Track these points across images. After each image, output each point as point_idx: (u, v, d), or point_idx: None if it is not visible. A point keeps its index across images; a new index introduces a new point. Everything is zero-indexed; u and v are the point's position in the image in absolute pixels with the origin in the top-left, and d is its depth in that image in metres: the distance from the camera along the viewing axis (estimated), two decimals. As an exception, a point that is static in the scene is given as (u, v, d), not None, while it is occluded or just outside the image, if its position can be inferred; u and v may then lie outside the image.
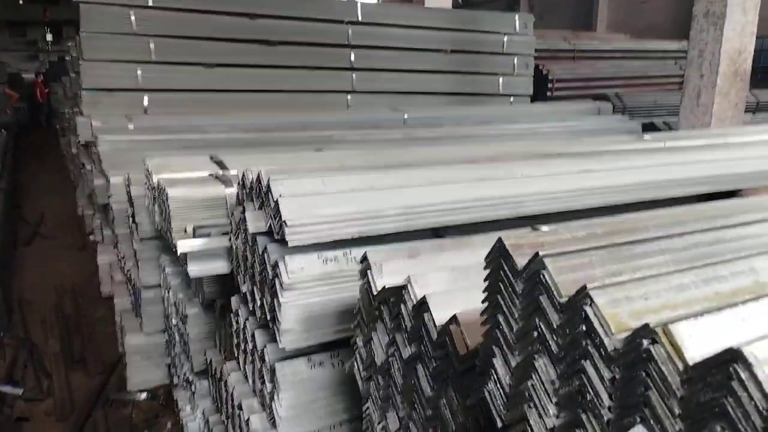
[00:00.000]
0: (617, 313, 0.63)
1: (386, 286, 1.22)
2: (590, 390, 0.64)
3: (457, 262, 1.35)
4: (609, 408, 0.62)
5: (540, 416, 0.71)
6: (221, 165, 3.01)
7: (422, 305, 1.14)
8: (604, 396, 0.63)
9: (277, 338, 1.62)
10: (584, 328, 0.65)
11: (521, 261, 0.74)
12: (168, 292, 2.92)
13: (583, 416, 0.65)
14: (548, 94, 6.98)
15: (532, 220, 1.90)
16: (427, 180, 1.79)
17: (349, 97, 5.68)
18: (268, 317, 1.66)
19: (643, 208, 2.20)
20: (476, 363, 0.89)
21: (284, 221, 1.51)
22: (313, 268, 1.58)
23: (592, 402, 0.64)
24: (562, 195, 1.91)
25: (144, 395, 3.52)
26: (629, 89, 7.03)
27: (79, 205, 6.22)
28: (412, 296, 1.19)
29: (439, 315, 1.11)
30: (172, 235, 2.30)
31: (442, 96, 6.11)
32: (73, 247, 6.02)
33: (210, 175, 2.82)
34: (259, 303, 1.73)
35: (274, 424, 1.71)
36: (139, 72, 4.57)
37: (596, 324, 0.63)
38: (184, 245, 2.06)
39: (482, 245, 1.50)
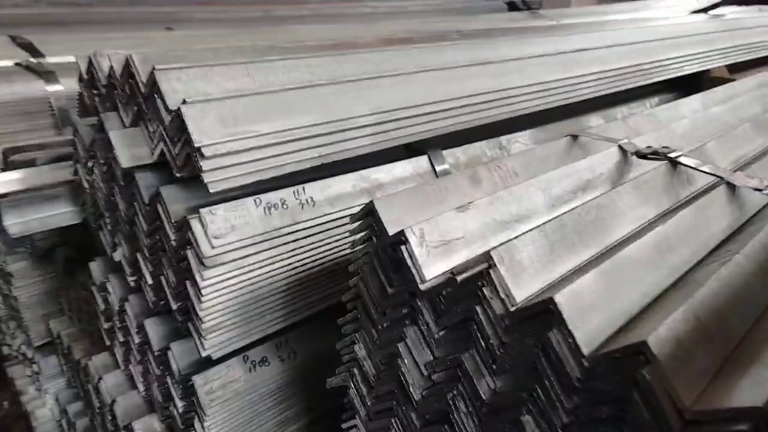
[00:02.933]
0: None
1: (460, 277, 0.64)
2: None
3: (531, 205, 0.80)
4: None
5: None
6: (31, 50, 2.05)
7: (560, 321, 0.59)
8: None
9: (196, 342, 0.98)
10: None
11: None
12: (-26, 241, 2.01)
13: None
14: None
15: (529, 120, 1.40)
16: (401, 67, 1.16)
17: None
18: (174, 306, 1.00)
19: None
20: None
21: (198, 149, 0.82)
22: (249, 224, 0.93)
23: None
24: (575, 83, 1.40)
25: (-39, 371, 2.63)
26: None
27: None
28: (503, 291, 0.63)
29: (586, 332, 0.57)
30: (-35, 165, 1.43)
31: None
32: None
33: (17, 64, 1.88)
34: (150, 281, 1.04)
35: (196, 458, 1.11)
36: None
37: None
38: (-10, 185, 1.24)
39: (544, 160, 0.96)
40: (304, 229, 0.99)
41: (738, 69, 2.18)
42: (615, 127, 1.17)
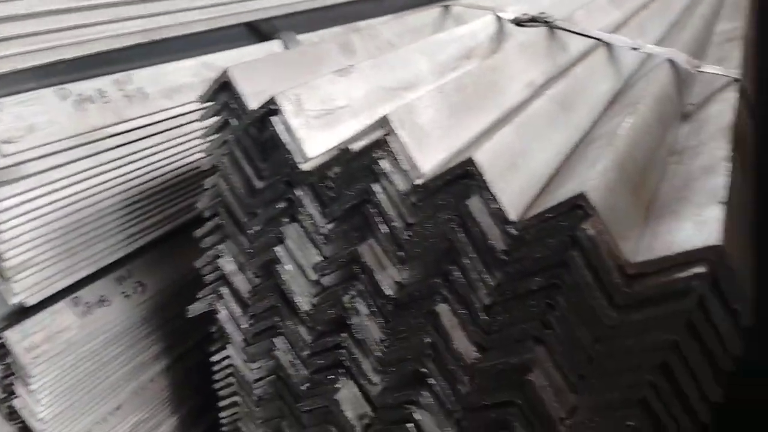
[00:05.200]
0: None
1: (356, 146, 0.50)
2: None
3: (417, 71, 0.68)
4: None
5: None
6: None
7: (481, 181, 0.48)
8: None
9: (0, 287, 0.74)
10: None
11: None
12: None
13: None
14: None
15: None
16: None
17: None
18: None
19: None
20: None
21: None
22: (55, 122, 0.70)
23: None
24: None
25: None
26: None
27: None
28: (407, 162, 0.51)
29: (510, 196, 0.48)
30: None
31: None
32: None
33: None
34: None
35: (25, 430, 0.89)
36: None
37: None
38: None
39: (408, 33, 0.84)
40: (135, 129, 0.78)
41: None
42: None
